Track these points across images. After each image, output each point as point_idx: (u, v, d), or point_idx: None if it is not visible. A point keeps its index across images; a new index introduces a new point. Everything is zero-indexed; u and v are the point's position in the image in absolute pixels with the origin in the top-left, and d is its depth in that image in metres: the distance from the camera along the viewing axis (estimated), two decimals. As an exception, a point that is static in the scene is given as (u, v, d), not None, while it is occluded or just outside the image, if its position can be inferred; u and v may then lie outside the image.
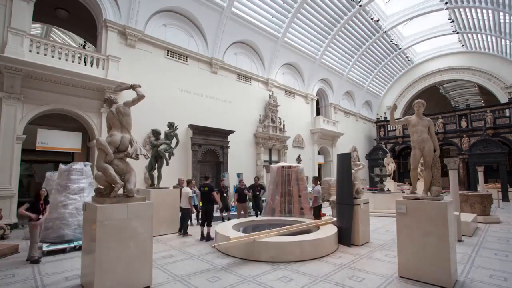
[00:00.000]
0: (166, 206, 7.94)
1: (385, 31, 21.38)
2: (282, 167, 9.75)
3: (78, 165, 7.04)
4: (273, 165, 10.16)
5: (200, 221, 7.75)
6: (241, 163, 14.91)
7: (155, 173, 8.58)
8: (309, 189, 10.46)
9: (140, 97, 4.59)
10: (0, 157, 8.15)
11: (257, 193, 9.76)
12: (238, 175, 13.59)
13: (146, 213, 4.25)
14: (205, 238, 7.12)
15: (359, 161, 19.47)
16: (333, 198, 9.07)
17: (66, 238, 6.25)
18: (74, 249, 6.04)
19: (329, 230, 6.37)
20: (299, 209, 9.11)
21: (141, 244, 4.14)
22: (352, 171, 7.23)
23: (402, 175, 25.79)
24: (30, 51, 8.74)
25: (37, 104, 8.99)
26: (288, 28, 16.74)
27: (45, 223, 6.38)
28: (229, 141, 14.24)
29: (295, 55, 18.51)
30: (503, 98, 22.45)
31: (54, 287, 4.19)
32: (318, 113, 22.06)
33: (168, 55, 12.57)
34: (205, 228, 7.21)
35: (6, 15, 8.53)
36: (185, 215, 7.89)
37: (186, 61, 13.23)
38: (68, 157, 13.51)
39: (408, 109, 28.22)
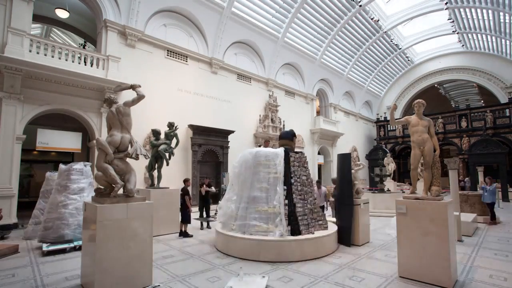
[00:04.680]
0: (166, 206, 7.94)
1: (385, 31, 21.37)
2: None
3: (78, 165, 7.04)
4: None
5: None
6: (241, 163, 14.90)
7: (155, 173, 8.59)
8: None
9: (140, 97, 4.59)
10: (0, 157, 8.15)
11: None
12: None
13: (146, 213, 4.25)
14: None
15: (359, 161, 19.50)
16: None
17: (66, 238, 6.24)
18: (74, 249, 6.04)
19: (329, 230, 6.36)
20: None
21: (141, 244, 4.14)
22: (352, 171, 7.22)
23: (402, 175, 25.77)
24: (30, 51, 8.74)
25: (37, 104, 8.99)
26: (288, 28, 16.74)
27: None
28: (229, 141, 14.24)
29: (295, 55, 18.50)
30: (503, 98, 22.44)
31: (54, 287, 4.19)
32: (318, 113, 22.04)
33: (168, 55, 12.56)
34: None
35: (6, 15, 8.52)
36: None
37: (186, 61, 13.23)
38: (68, 157, 13.53)
39: (408, 109, 28.19)
